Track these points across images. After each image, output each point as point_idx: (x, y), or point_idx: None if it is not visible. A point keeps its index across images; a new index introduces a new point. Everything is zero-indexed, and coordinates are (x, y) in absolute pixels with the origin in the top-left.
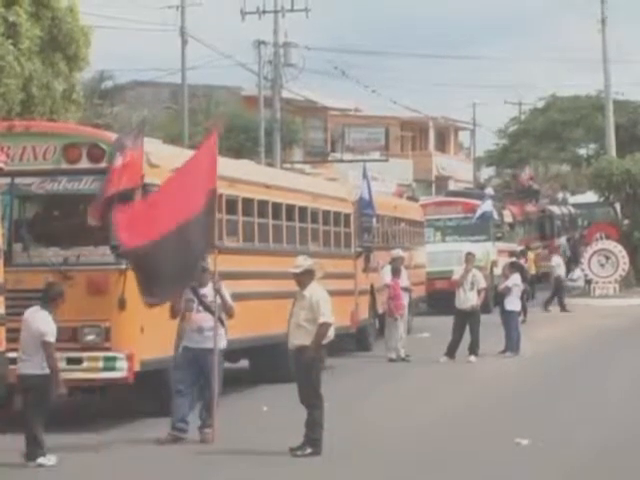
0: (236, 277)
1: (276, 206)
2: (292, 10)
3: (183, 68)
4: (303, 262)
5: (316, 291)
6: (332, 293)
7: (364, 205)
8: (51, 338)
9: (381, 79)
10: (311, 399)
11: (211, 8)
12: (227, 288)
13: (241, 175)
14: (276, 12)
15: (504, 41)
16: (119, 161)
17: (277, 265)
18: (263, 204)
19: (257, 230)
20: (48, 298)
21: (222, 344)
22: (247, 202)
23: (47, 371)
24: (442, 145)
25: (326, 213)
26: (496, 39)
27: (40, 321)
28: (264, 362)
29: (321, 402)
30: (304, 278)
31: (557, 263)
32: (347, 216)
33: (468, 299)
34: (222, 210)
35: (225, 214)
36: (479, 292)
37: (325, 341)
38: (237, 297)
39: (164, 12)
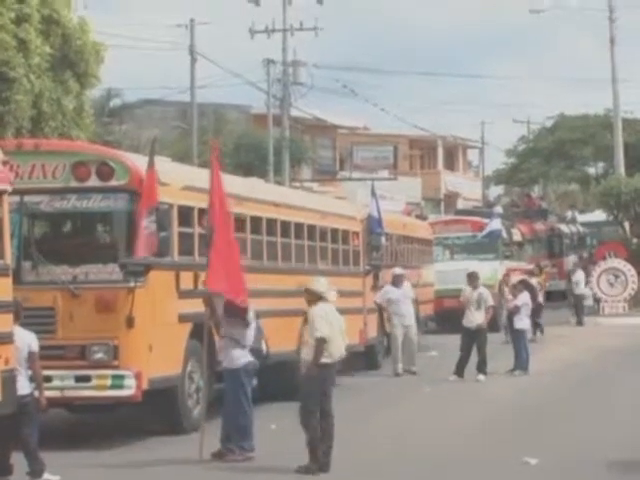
0: None
1: (285, 224)
2: (301, 29)
3: (192, 86)
4: (309, 283)
5: (317, 308)
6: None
7: (373, 223)
8: (37, 348)
9: (389, 98)
10: (300, 416)
11: (220, 27)
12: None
13: (250, 193)
14: (285, 31)
15: (510, 60)
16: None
17: (285, 283)
18: (272, 222)
19: (265, 248)
20: (17, 313)
21: (237, 362)
22: (256, 220)
23: (31, 389)
24: (451, 163)
25: (335, 231)
26: (502, 58)
27: (23, 334)
28: (272, 380)
29: (309, 419)
30: (311, 297)
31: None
32: (356, 234)
33: (474, 318)
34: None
35: (234, 232)
36: (487, 310)
37: (330, 359)
38: None
39: (173, 30)
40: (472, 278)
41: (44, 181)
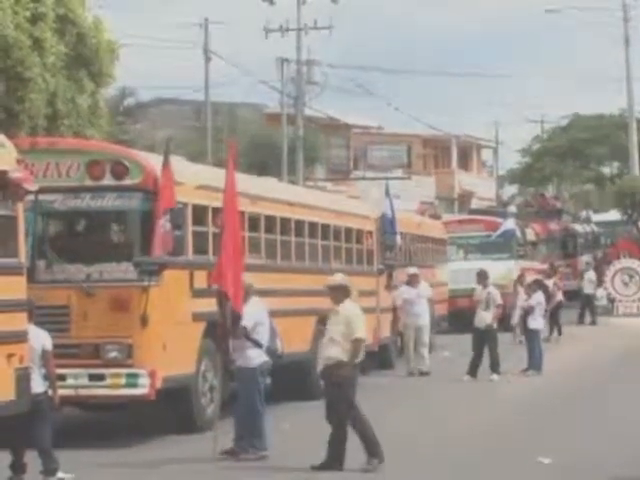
0: (258, 294)
1: (299, 223)
2: (315, 28)
3: (206, 85)
4: (338, 278)
5: (350, 307)
6: None
7: (387, 223)
8: (51, 346)
9: (403, 97)
10: (340, 416)
11: (234, 26)
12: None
13: (264, 192)
14: (299, 30)
15: (524, 59)
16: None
17: (300, 282)
18: (286, 221)
19: (279, 247)
20: (30, 312)
21: (253, 362)
22: (270, 219)
23: (45, 388)
24: (465, 163)
25: (348, 230)
26: (516, 57)
27: (37, 332)
28: (285, 380)
29: (350, 415)
30: (338, 294)
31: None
32: (369, 233)
33: (483, 318)
34: (244, 227)
35: (247, 231)
36: (495, 308)
37: (357, 359)
38: None
39: (188, 30)
40: (481, 277)
41: (59, 180)
